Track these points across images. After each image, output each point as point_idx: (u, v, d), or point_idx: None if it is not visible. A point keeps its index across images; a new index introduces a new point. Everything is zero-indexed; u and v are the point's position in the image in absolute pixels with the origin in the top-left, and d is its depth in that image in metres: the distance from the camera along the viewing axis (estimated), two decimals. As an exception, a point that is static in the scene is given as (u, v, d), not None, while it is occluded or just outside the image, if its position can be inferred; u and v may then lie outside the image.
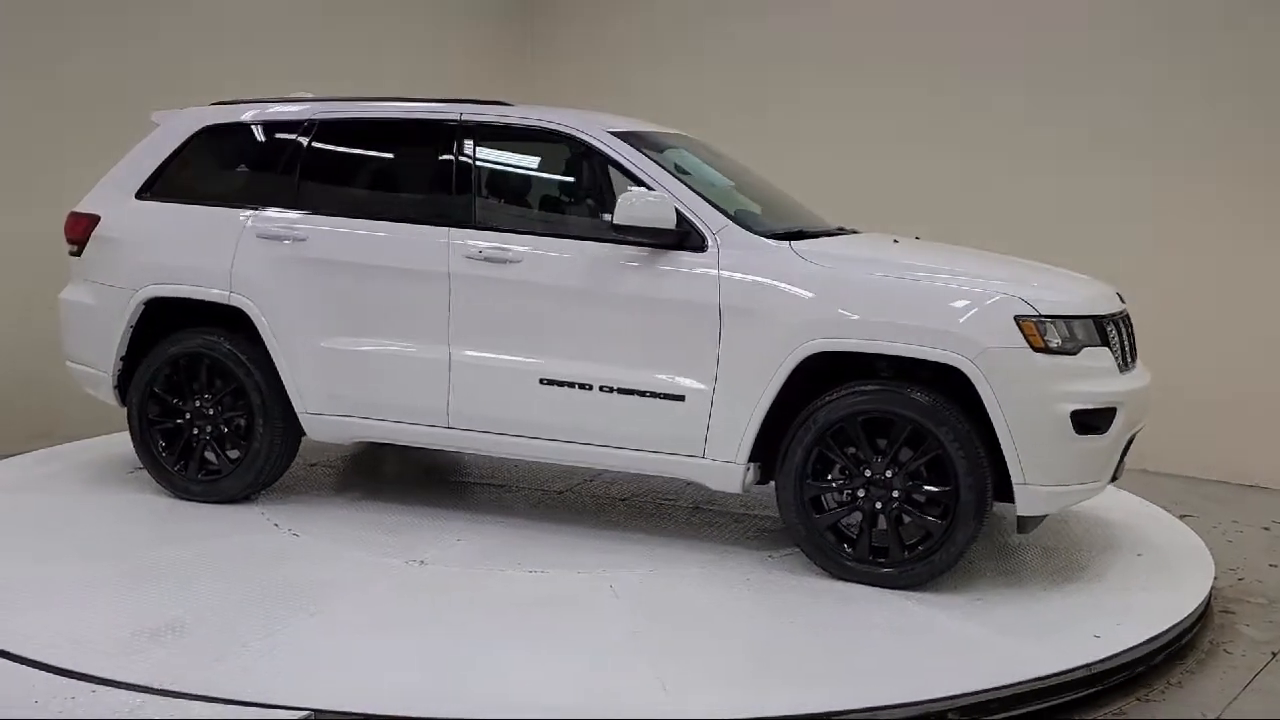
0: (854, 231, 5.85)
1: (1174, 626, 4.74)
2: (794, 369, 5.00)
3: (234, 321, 5.86)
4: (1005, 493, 4.92)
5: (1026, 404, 4.78)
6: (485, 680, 4.02)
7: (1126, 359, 5.19)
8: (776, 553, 5.43)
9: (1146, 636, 4.57)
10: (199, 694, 3.81)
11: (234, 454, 5.91)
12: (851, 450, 5.02)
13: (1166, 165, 7.90)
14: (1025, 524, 5.04)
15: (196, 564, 5.04)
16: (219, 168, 6.19)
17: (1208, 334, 7.80)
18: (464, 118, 5.69)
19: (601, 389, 5.28)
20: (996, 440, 4.83)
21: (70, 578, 4.83)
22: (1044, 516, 5.11)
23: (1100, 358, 4.96)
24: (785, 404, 5.07)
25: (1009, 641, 4.50)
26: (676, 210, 5.16)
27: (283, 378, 5.75)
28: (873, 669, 4.21)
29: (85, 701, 3.79)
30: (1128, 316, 5.33)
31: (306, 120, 5.93)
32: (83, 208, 6.21)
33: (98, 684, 3.87)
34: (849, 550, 5.04)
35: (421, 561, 5.15)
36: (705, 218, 5.21)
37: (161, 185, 6.08)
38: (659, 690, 3.96)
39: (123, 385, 6.08)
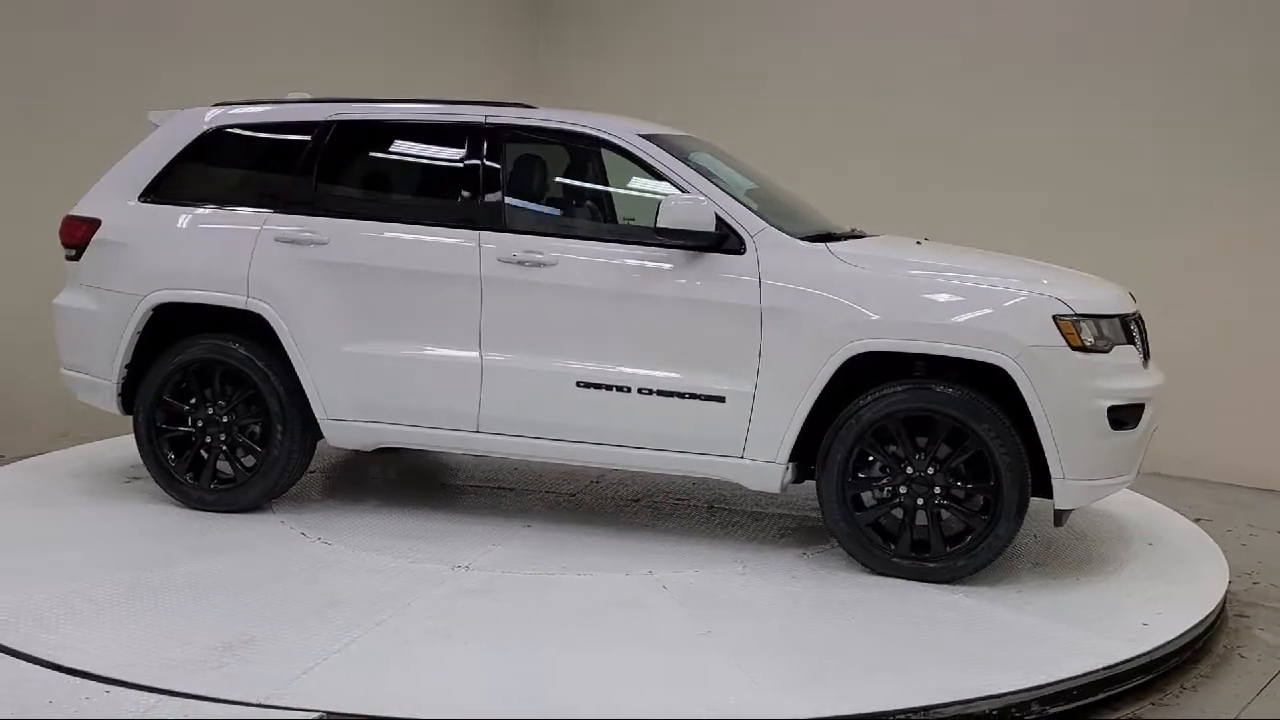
0: (867, 235, 5.94)
1: (1188, 630, 4.73)
2: (837, 369, 5.09)
3: (247, 327, 5.75)
4: (1039, 487, 5.07)
5: (1066, 401, 4.93)
6: (574, 685, 4.03)
7: (1145, 357, 5.38)
8: (809, 550, 5.52)
9: (1191, 623, 4.76)
10: (211, 696, 3.81)
11: (247, 462, 5.80)
12: (891, 448, 5.13)
13: (1176, 166, 7.94)
14: (1061, 517, 5.19)
15: (238, 576, 4.94)
16: (230, 169, 6.05)
17: (1224, 337, 7.81)
18: (488, 120, 5.66)
19: (640, 391, 5.30)
20: (1031, 436, 4.98)
21: (114, 593, 4.69)
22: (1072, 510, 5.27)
23: (1128, 355, 5.14)
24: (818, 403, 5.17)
25: (1070, 631, 4.61)
26: (715, 214, 5.21)
27: (303, 383, 5.65)
28: (952, 661, 4.29)
29: (98, 701, 3.77)
30: (1141, 316, 5.53)
31: (324, 122, 5.83)
32: (81, 211, 6.02)
33: (110, 685, 3.87)
34: (892, 546, 5.15)
35: (466, 567, 5.11)
36: (743, 221, 5.27)
37: (167, 187, 5.92)
38: (754, 688, 4.01)
39: (126, 393, 5.92)
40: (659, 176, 5.44)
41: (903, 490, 5.11)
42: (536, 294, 5.40)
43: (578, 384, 5.37)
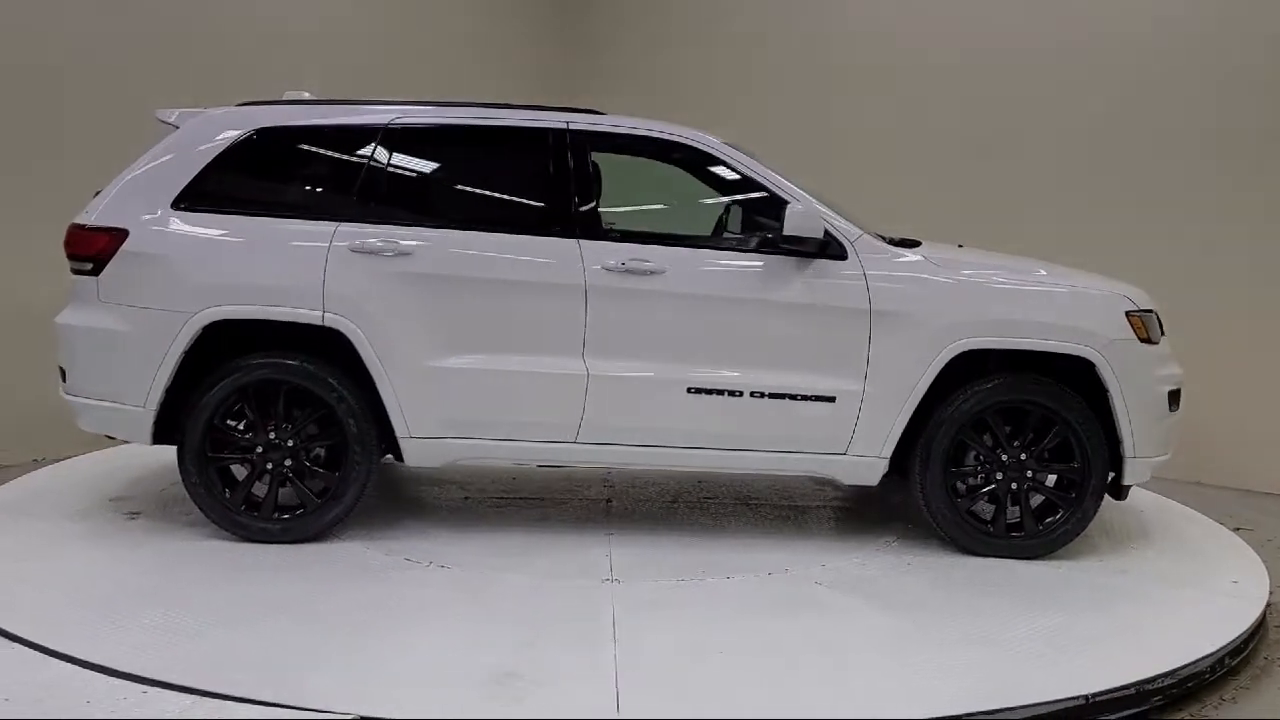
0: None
1: (1229, 643, 4.67)
2: (942, 368, 5.44)
3: (308, 344, 5.39)
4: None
5: (1138, 387, 5.51)
6: (819, 684, 4.12)
7: None
8: (890, 539, 5.84)
9: (1231, 635, 4.75)
10: (246, 697, 3.82)
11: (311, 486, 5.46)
12: (986, 438, 5.55)
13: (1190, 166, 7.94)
14: (1124, 493, 5.76)
15: (405, 609, 4.69)
16: (280, 175, 5.60)
17: (1266, 347, 7.70)
18: (571, 126, 5.57)
19: (752, 395, 5.43)
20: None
21: (291, 640, 4.34)
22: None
23: (1166, 346, 5.80)
24: None
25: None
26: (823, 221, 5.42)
27: (385, 401, 5.37)
28: (1148, 643, 4.60)
29: (136, 700, 3.79)
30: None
31: (386, 125, 5.53)
32: (100, 220, 5.40)
33: (147, 685, 3.89)
34: (990, 528, 5.56)
35: (619, 581, 5.07)
36: (842, 228, 5.50)
37: (205, 194, 5.42)
38: (1011, 662, 4.27)
39: (161, 421, 5.40)
40: (753, 186, 5.57)
41: (999, 476, 5.54)
42: (645, 301, 5.40)
43: (688, 390, 5.42)
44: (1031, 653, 4.45)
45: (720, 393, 5.43)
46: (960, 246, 6.14)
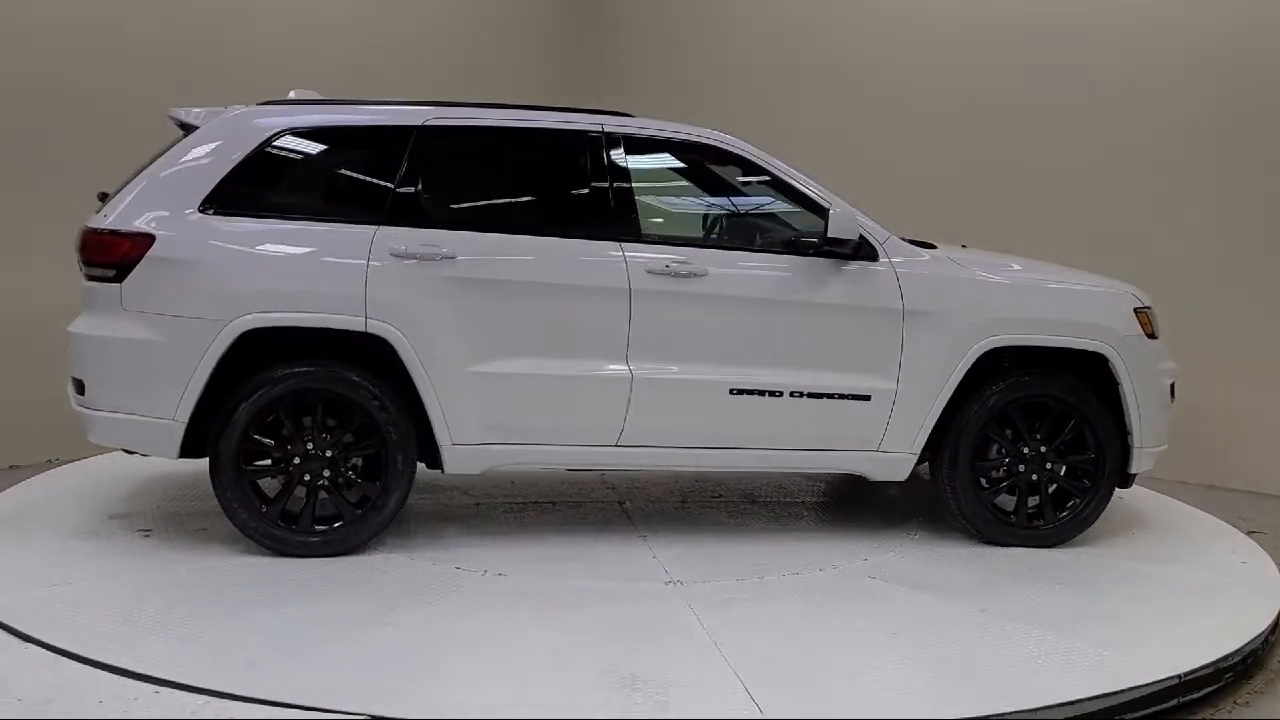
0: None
1: (1242, 647, 4.66)
2: (971, 365, 5.62)
3: (345, 351, 5.25)
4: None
5: (1147, 380, 5.81)
6: (950, 674, 4.24)
7: None
8: (911, 531, 6.01)
9: (1245, 639, 4.72)
10: (258, 697, 3.82)
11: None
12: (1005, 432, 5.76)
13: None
14: (1130, 481, 6.03)
15: (489, 617, 4.61)
16: (310, 176, 5.44)
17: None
18: (607, 129, 5.55)
19: (792, 394, 5.52)
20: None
21: (393, 654, 4.23)
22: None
23: (1163, 341, 6.11)
24: None
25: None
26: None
27: (427, 408, 5.27)
28: (1202, 631, 4.77)
29: (146, 701, 3.80)
30: None
31: (422, 125, 5.41)
32: (121, 224, 5.14)
33: (159, 685, 3.89)
34: (1012, 518, 5.77)
35: (680, 582, 5.10)
36: (872, 229, 5.63)
37: (232, 197, 5.21)
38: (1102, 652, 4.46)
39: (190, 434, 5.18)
40: (784, 188, 5.65)
41: (1021, 468, 5.76)
42: (688, 304, 5.43)
43: (731, 391, 5.47)
44: (1103, 637, 4.64)
45: (761, 393, 5.50)
46: (964, 247, 6.35)
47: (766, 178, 5.69)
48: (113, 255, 5.13)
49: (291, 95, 5.68)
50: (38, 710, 3.73)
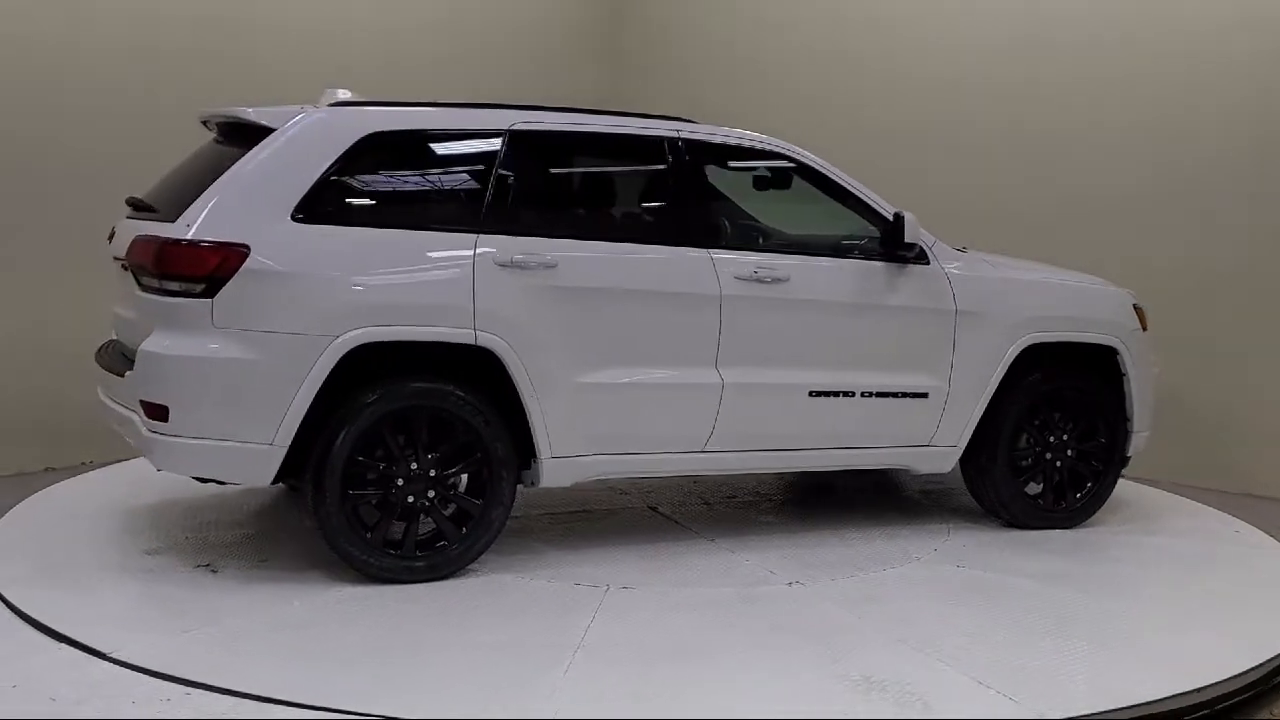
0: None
1: (1276, 655, 4.64)
2: (1012, 361, 5.99)
3: (450, 364, 5.04)
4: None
5: (1143, 370, 6.36)
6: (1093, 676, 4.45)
7: None
8: (944, 521, 6.32)
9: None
10: (289, 699, 3.88)
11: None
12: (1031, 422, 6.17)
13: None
14: (1128, 462, 6.54)
15: (664, 635, 4.57)
16: (400, 182, 5.15)
17: None
18: (683, 135, 5.55)
19: (863, 394, 5.72)
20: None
21: (608, 681, 4.15)
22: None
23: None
24: None
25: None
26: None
27: (531, 420, 5.12)
28: (1250, 628, 4.94)
29: (178, 702, 3.86)
30: None
31: (510, 129, 5.23)
32: (207, 234, 4.71)
33: (191, 686, 3.93)
34: (1041, 503, 6.19)
35: (800, 583, 5.19)
36: (922, 235, 5.90)
37: (325, 205, 4.89)
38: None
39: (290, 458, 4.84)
40: (844, 195, 5.82)
41: (1047, 456, 6.18)
42: (772, 309, 5.52)
43: (810, 393, 5.61)
44: (1220, 618, 5.03)
45: (837, 394, 5.67)
46: (963, 250, 6.72)
47: (829, 184, 5.84)
48: (202, 268, 4.70)
49: (341, 95, 5.37)
50: (70, 710, 3.76)
